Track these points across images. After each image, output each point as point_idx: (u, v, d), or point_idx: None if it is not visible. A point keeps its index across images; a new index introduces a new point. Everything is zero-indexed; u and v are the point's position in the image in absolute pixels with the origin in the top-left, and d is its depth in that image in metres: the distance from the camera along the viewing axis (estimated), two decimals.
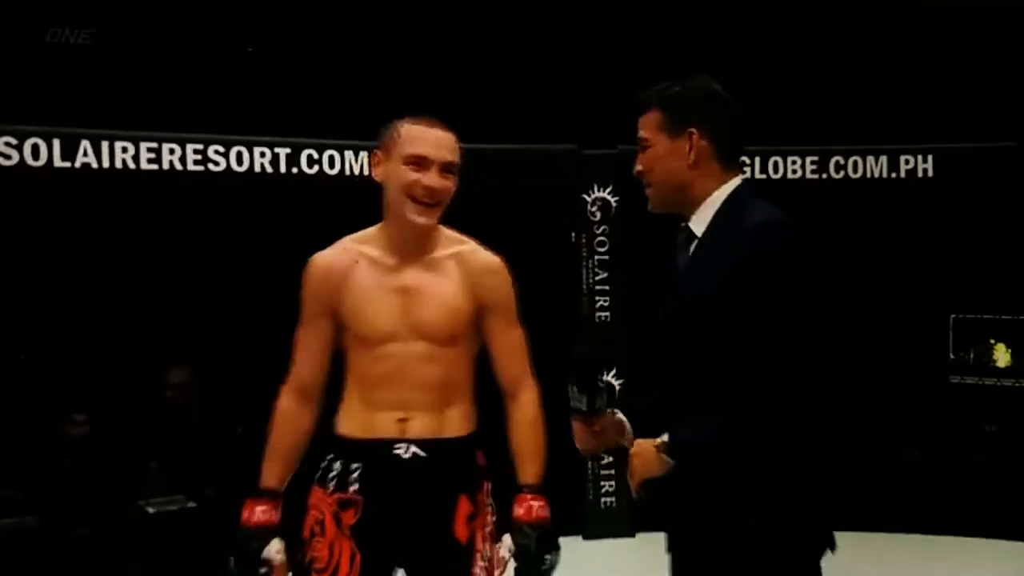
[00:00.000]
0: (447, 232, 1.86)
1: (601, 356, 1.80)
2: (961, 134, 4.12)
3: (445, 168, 1.78)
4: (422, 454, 1.76)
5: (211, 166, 3.14)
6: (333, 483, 1.78)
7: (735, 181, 1.61)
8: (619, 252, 3.88)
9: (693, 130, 1.58)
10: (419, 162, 1.76)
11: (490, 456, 1.85)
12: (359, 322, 1.78)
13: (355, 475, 1.77)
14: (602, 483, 3.85)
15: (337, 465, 1.79)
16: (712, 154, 1.59)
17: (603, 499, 3.86)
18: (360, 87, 3.76)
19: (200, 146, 3.12)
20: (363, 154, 3.26)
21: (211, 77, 3.78)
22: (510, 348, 1.88)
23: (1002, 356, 4.80)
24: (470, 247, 1.86)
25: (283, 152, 3.22)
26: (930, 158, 3.98)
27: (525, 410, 1.85)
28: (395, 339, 1.77)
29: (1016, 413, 4.61)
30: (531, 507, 1.78)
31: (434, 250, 1.82)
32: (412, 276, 1.79)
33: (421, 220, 1.77)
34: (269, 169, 3.20)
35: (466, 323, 1.82)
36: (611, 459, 3.82)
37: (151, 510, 3.08)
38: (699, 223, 1.61)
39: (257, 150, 3.19)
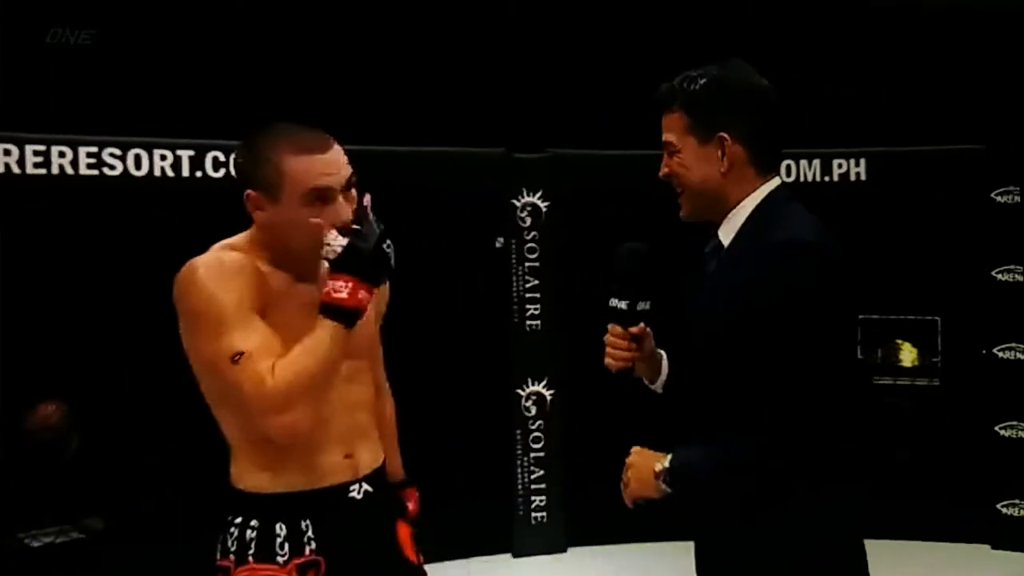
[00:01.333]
0: None
1: (657, 252, 1.57)
2: (894, 137, 4.14)
3: (346, 188, 1.51)
4: (370, 489, 1.63)
5: (106, 170, 2.96)
6: (283, 550, 1.55)
7: (768, 186, 1.48)
8: (550, 259, 3.81)
9: (724, 135, 1.45)
10: (324, 195, 1.47)
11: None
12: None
13: (308, 534, 1.57)
14: (532, 497, 3.76)
15: (280, 528, 1.56)
16: (747, 159, 1.46)
17: (533, 514, 3.76)
18: (271, 85, 3.60)
19: (94, 148, 2.94)
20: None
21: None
22: (379, 352, 1.79)
23: (907, 355, 4.95)
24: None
25: (186, 155, 3.06)
26: (863, 162, 3.98)
27: (390, 407, 1.84)
28: None
29: (928, 411, 4.72)
30: (417, 499, 1.78)
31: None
32: (316, 287, 1.53)
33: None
34: (170, 173, 3.03)
35: (373, 332, 1.70)
36: (541, 472, 3.74)
37: (33, 544, 2.88)
38: (727, 233, 1.49)
39: (157, 152, 3.02)
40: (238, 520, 1.56)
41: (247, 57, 3.67)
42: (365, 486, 1.61)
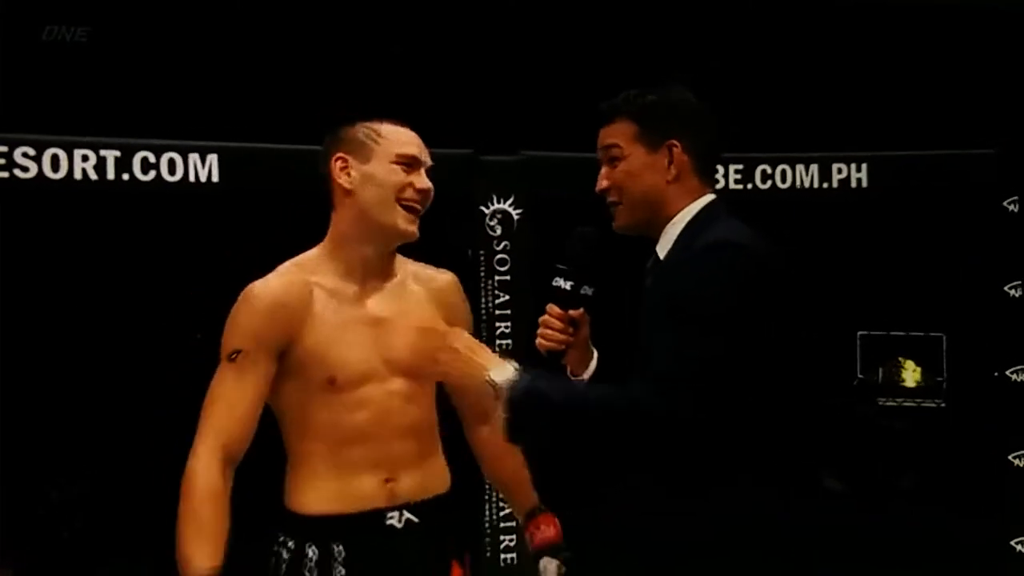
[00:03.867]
0: (396, 255, 1.76)
1: (608, 238, 1.61)
2: (898, 141, 4.04)
3: (429, 172, 1.69)
4: (415, 519, 1.61)
5: (18, 172, 2.74)
6: (313, 573, 1.57)
7: (705, 199, 1.55)
8: (522, 272, 3.60)
9: (675, 143, 1.53)
10: (411, 162, 1.66)
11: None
12: (329, 363, 1.59)
13: (340, 560, 1.57)
14: (501, 536, 3.56)
15: (312, 551, 1.58)
16: (692, 169, 1.54)
17: (502, 555, 3.57)
18: (213, 80, 3.46)
19: (4, 148, 2.72)
20: (212, 157, 2.90)
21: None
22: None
23: (910, 375, 4.91)
24: (420, 265, 1.79)
25: (111, 155, 2.83)
26: (864, 167, 3.83)
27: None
28: (371, 379, 1.62)
29: (932, 435, 4.65)
30: (557, 523, 1.75)
31: (396, 272, 1.71)
32: (380, 304, 1.65)
33: (411, 227, 1.66)
34: (93, 176, 2.81)
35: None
36: (510, 509, 3.54)
37: None
38: (664, 246, 1.56)
39: (78, 153, 2.80)
40: (280, 539, 1.63)
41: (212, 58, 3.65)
42: (407, 515, 1.61)
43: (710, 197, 1.56)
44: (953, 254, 4.18)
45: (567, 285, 1.58)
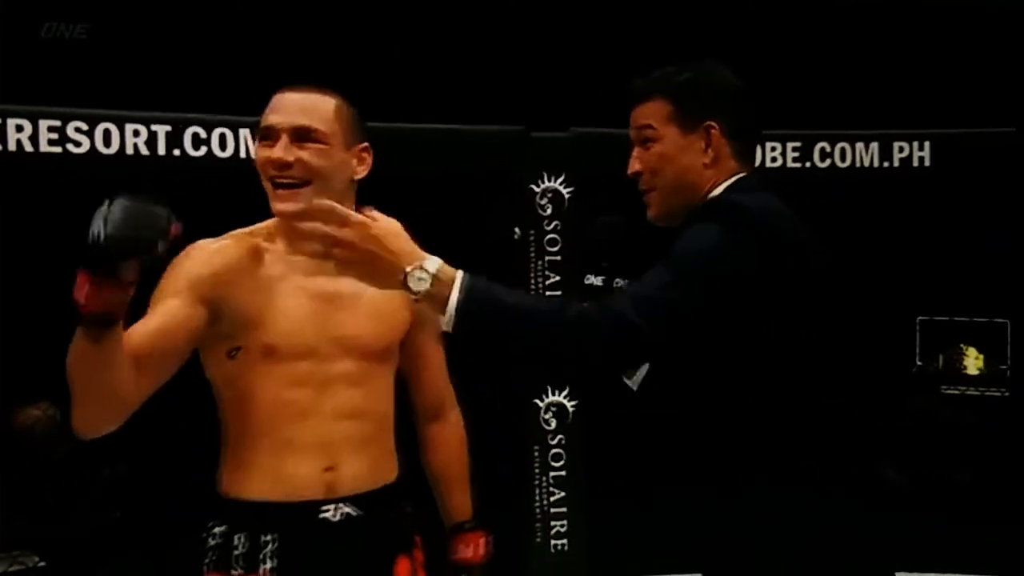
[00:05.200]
0: None
1: (632, 225, 1.65)
2: (963, 118, 3.95)
3: (297, 135, 1.51)
4: (355, 513, 1.54)
5: (71, 147, 2.77)
6: (240, 564, 1.49)
7: (734, 177, 1.50)
8: (572, 252, 3.56)
9: (713, 124, 1.48)
10: (268, 134, 1.53)
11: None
12: (269, 330, 1.50)
13: (268, 550, 1.49)
14: (552, 522, 3.56)
15: (240, 540, 1.50)
16: (730, 151, 1.50)
17: (553, 541, 3.56)
18: (265, 56, 3.46)
19: (57, 122, 2.75)
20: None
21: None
22: (438, 364, 1.74)
23: (972, 362, 4.82)
24: None
25: (162, 130, 2.84)
26: (927, 145, 3.75)
27: (454, 430, 1.74)
28: (313, 355, 1.53)
29: (995, 426, 4.56)
30: (479, 544, 1.69)
31: None
32: (332, 280, 1.52)
33: (281, 207, 1.52)
34: (144, 151, 2.83)
35: (400, 336, 1.64)
36: (562, 493, 3.53)
37: None
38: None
39: (129, 127, 2.83)
40: (209, 525, 1.54)
41: (248, 42, 3.68)
42: (345, 508, 1.53)
43: (743, 173, 1.51)
44: (1018, 237, 4.07)
45: (599, 280, 1.60)
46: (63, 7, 3.70)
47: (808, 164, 3.80)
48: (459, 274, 1.31)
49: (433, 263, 1.30)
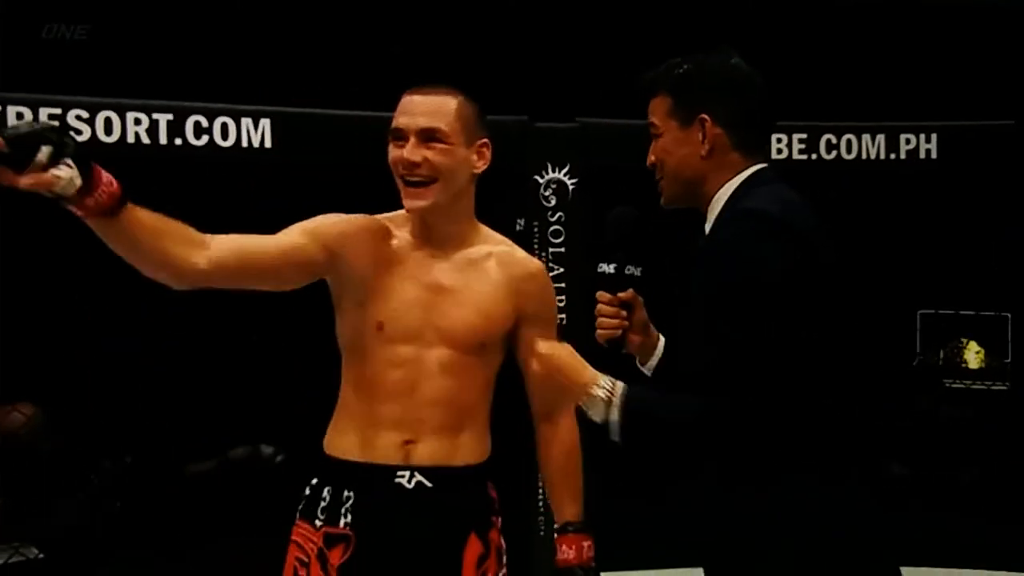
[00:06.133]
0: (486, 229, 1.82)
1: (646, 215, 1.66)
2: (970, 110, 3.96)
3: (423, 136, 1.66)
4: (428, 484, 1.65)
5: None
6: (323, 515, 1.63)
7: (749, 170, 1.52)
8: (577, 243, 3.54)
9: (705, 116, 1.51)
10: (397, 135, 1.68)
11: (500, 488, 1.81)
12: (381, 308, 1.65)
13: (348, 505, 1.63)
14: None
15: (326, 492, 1.65)
16: (728, 143, 1.51)
17: None
18: (266, 44, 3.45)
19: (57, 110, 2.72)
20: (265, 121, 2.90)
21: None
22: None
23: (973, 356, 4.85)
24: (509, 248, 1.82)
25: (163, 119, 2.81)
26: (934, 137, 3.76)
27: (567, 434, 1.84)
28: (416, 340, 1.67)
29: (997, 420, 4.59)
30: (582, 548, 1.78)
31: (472, 246, 1.76)
32: (446, 273, 1.71)
33: (412, 203, 1.68)
34: (146, 140, 2.81)
35: (500, 331, 1.75)
36: None
37: None
38: (709, 221, 1.54)
39: (131, 116, 2.80)
40: (309, 478, 1.70)
41: (249, 40, 3.69)
42: (420, 477, 1.65)
43: (756, 168, 1.53)
44: (1021, 230, 4.09)
45: (611, 268, 1.61)
46: (64, 8, 3.72)
47: (814, 156, 3.80)
48: (616, 391, 1.44)
49: (601, 389, 1.46)
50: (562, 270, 3.56)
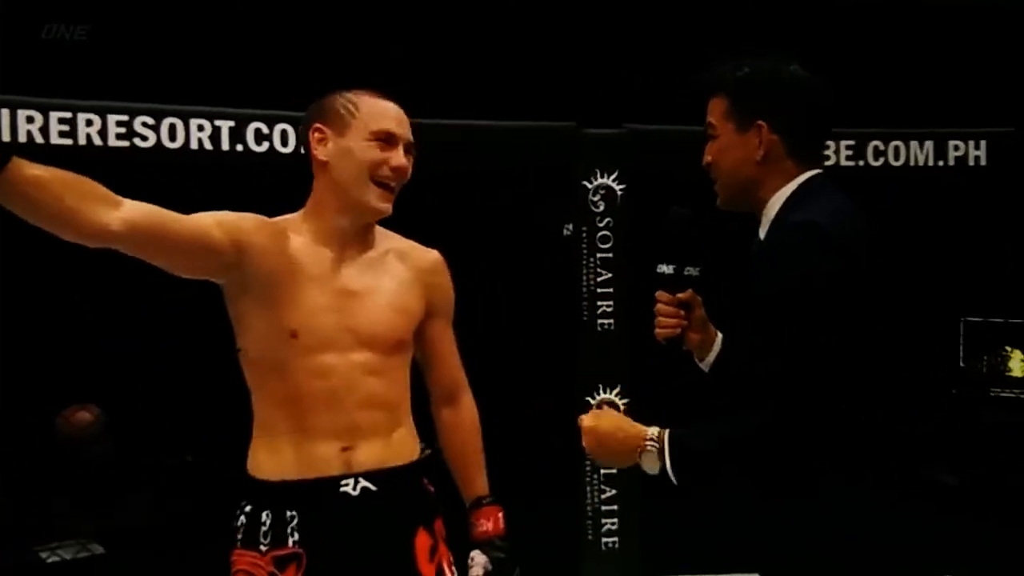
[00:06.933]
0: (378, 228, 1.79)
1: (702, 217, 1.69)
2: (1017, 117, 3.94)
3: (408, 148, 1.70)
4: (372, 488, 1.65)
5: (138, 141, 2.82)
6: (266, 539, 1.60)
7: (803, 177, 1.54)
8: (625, 249, 3.58)
9: (762, 123, 1.52)
10: (387, 139, 1.67)
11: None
12: (293, 316, 1.61)
13: (293, 524, 1.60)
14: (603, 520, 3.58)
15: (265, 516, 1.62)
16: (783, 150, 1.52)
17: (604, 539, 3.59)
18: (322, 51, 3.50)
19: (124, 117, 2.80)
20: None
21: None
22: (450, 351, 1.87)
23: (1018, 364, 4.81)
24: (407, 243, 1.82)
25: (225, 125, 2.90)
26: (983, 144, 3.74)
27: (469, 413, 1.87)
28: (334, 347, 1.64)
29: None
30: (498, 519, 1.82)
31: (372, 247, 1.74)
32: (354, 275, 1.69)
33: (383, 206, 1.68)
34: (208, 145, 2.89)
35: (413, 327, 1.76)
36: (614, 491, 3.56)
37: (50, 559, 2.80)
38: (763, 227, 1.56)
39: (194, 122, 2.88)
40: (241, 504, 1.67)
41: (256, 41, 3.71)
42: (364, 483, 1.63)
43: (808, 175, 1.54)
44: None
45: (669, 269, 1.63)
46: (63, 8, 3.74)
47: (862, 163, 3.79)
48: (664, 442, 1.47)
49: (651, 443, 1.49)
50: (610, 275, 3.59)
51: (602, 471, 3.57)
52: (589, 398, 3.57)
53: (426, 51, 3.71)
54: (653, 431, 1.49)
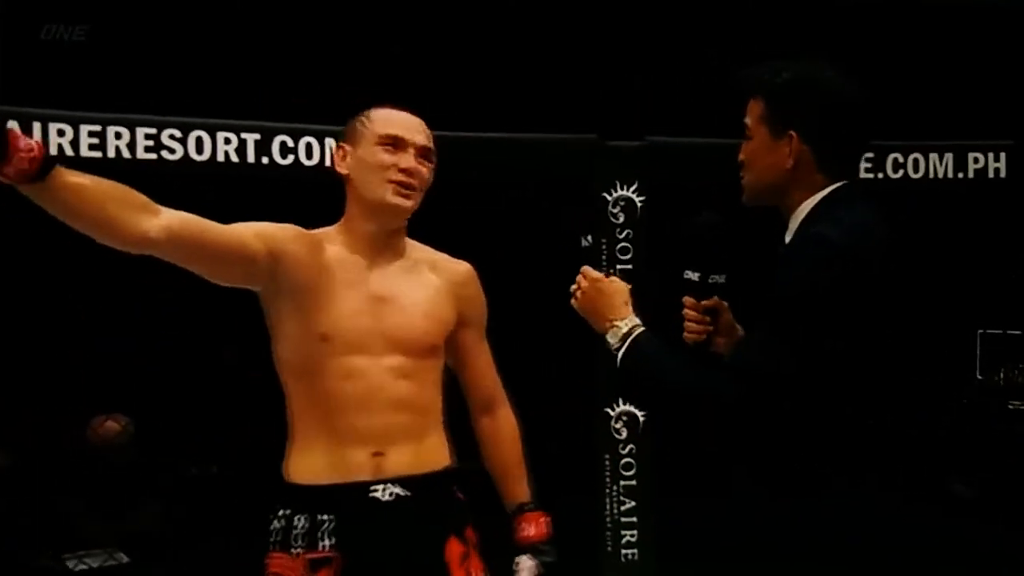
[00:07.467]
0: (411, 240, 1.87)
1: (732, 225, 1.74)
2: None
3: (421, 153, 1.77)
4: (404, 494, 1.67)
5: (165, 154, 2.86)
6: (300, 542, 1.63)
7: (831, 187, 1.56)
8: (645, 261, 3.59)
9: (794, 134, 1.54)
10: (394, 142, 1.75)
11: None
12: (325, 319, 1.66)
13: (326, 528, 1.63)
14: (622, 532, 3.59)
15: (300, 520, 1.65)
16: (813, 162, 1.55)
17: (624, 551, 3.60)
18: (346, 65, 3.55)
19: (152, 130, 2.84)
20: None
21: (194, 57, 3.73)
22: (485, 362, 1.93)
23: None
24: (439, 254, 1.89)
25: (251, 138, 2.93)
26: (1003, 156, 3.75)
27: (507, 423, 1.93)
28: (365, 351, 1.68)
29: None
30: (541, 523, 1.88)
31: (404, 255, 1.81)
32: (386, 281, 1.76)
33: (398, 201, 1.74)
34: (235, 158, 2.92)
35: (445, 334, 1.81)
36: (633, 503, 3.58)
37: (78, 567, 2.84)
38: (789, 235, 1.60)
39: (221, 135, 2.92)
40: (276, 509, 1.70)
41: (254, 43, 3.74)
42: (394, 488, 1.67)
43: (835, 186, 1.57)
44: None
45: (695, 276, 1.67)
46: (63, 9, 3.76)
47: (881, 175, 3.81)
48: (635, 332, 1.60)
49: (626, 323, 1.62)
50: (630, 287, 3.61)
51: (622, 483, 3.59)
52: (608, 410, 3.59)
53: (448, 64, 3.74)
54: (633, 319, 1.62)
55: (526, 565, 1.82)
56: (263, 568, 1.69)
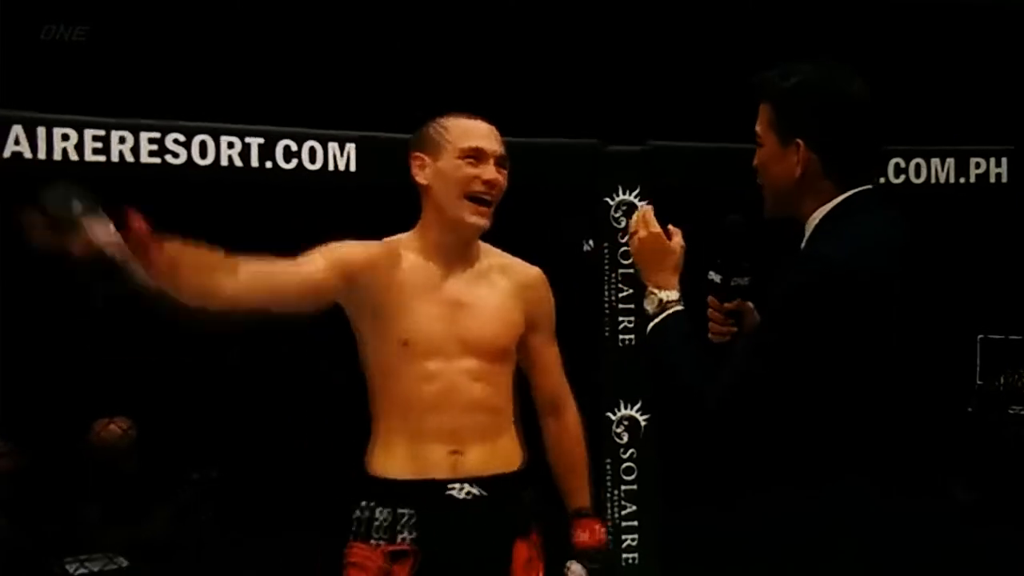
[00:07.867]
0: (484, 244, 1.93)
1: (757, 227, 1.72)
2: None
3: (499, 161, 1.85)
4: (479, 493, 1.75)
5: (169, 158, 2.88)
6: (381, 534, 1.70)
7: (843, 195, 1.53)
8: None
9: (800, 142, 1.51)
10: (476, 155, 1.81)
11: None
12: (404, 326, 1.74)
13: (406, 522, 1.71)
14: (623, 536, 3.60)
15: (382, 513, 1.72)
16: (821, 170, 1.52)
17: (624, 555, 3.61)
18: (347, 70, 3.56)
19: (156, 134, 2.86)
20: (350, 146, 3.02)
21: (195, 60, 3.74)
22: (552, 364, 1.99)
23: None
24: (511, 259, 1.96)
25: (255, 142, 2.95)
26: (1004, 161, 3.77)
27: (572, 427, 1.98)
28: (441, 354, 1.77)
29: None
30: (595, 530, 1.91)
31: (477, 261, 1.88)
32: (460, 287, 1.83)
33: (479, 221, 1.83)
34: (238, 162, 2.94)
35: (517, 336, 1.89)
36: (634, 508, 3.59)
37: (79, 571, 2.85)
38: (804, 241, 1.58)
39: (224, 140, 2.93)
40: (359, 501, 1.77)
41: (253, 44, 3.75)
42: (471, 488, 1.74)
43: (848, 195, 1.53)
44: None
45: (718, 278, 1.67)
46: (62, 9, 3.78)
47: (882, 180, 3.82)
48: (668, 309, 1.60)
49: (666, 295, 1.62)
50: (631, 291, 3.62)
51: (623, 487, 3.60)
52: (609, 414, 3.60)
53: (450, 69, 3.75)
54: (671, 294, 1.62)
55: (575, 570, 1.87)
56: (342, 557, 1.76)
